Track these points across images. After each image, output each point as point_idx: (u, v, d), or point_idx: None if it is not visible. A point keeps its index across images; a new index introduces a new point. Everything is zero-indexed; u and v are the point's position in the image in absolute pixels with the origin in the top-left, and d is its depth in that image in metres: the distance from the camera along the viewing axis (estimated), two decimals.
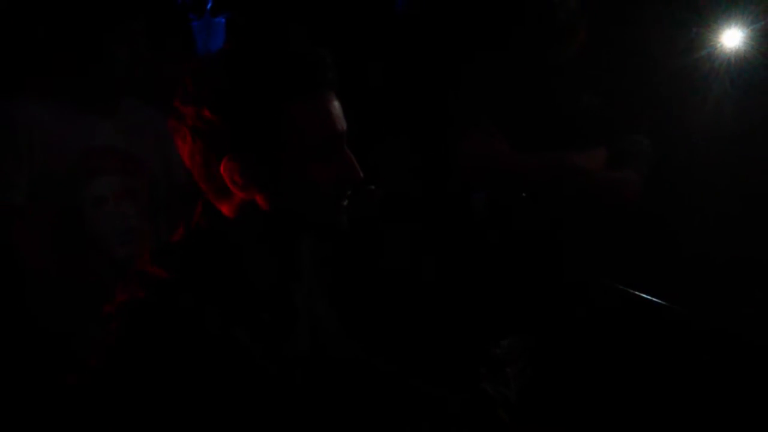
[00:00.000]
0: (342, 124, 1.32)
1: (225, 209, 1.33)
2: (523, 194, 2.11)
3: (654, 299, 1.76)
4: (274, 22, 2.36)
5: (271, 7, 2.40)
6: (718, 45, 2.24)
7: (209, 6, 2.56)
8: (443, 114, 2.20)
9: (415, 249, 2.17)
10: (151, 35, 2.08)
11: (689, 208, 2.21)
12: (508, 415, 1.47)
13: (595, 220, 2.16)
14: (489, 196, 1.94)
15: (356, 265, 2.16)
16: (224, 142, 1.27)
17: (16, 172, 1.91)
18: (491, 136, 2.21)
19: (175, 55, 2.46)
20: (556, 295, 2.08)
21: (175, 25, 2.53)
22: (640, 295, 1.77)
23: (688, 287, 2.00)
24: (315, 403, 1.47)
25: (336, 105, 1.32)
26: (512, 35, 2.22)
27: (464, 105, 2.22)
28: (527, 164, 2.19)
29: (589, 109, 2.25)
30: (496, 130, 2.21)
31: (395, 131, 2.24)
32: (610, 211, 2.18)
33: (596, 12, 2.25)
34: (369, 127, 1.92)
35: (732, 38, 2.24)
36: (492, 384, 1.45)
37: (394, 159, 2.22)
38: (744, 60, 2.22)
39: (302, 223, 1.35)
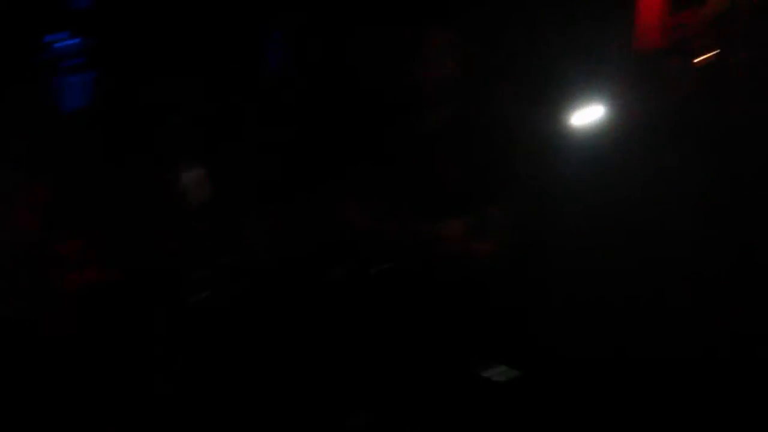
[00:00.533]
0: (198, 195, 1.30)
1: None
2: (388, 264, 2.15)
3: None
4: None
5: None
6: (573, 122, 2.35)
7: (67, 64, 2.47)
8: (304, 184, 2.22)
9: (271, 320, 2.15)
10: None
11: (548, 273, 2.28)
12: None
13: (452, 288, 2.21)
14: (349, 267, 1.96)
15: (213, 339, 2.11)
16: (66, 221, 1.22)
17: None
18: (356, 205, 2.24)
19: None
20: (409, 367, 2.11)
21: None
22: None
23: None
24: None
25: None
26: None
27: (327, 174, 2.24)
28: (389, 231, 2.24)
29: (448, 180, 2.31)
30: (359, 198, 2.24)
31: (258, 204, 2.23)
32: (466, 280, 2.24)
33: (456, 88, 2.34)
34: (230, 199, 1.91)
35: (585, 116, 2.36)
36: None
37: (256, 232, 2.20)
38: (599, 137, 2.34)
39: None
